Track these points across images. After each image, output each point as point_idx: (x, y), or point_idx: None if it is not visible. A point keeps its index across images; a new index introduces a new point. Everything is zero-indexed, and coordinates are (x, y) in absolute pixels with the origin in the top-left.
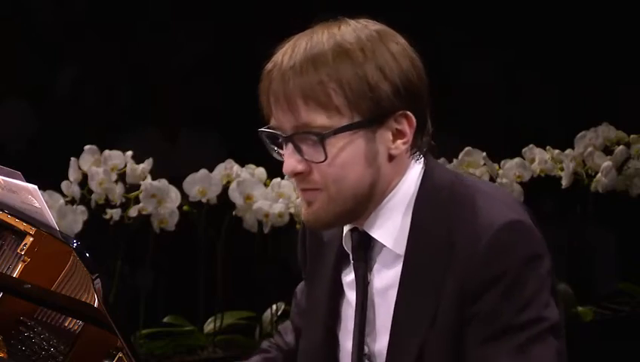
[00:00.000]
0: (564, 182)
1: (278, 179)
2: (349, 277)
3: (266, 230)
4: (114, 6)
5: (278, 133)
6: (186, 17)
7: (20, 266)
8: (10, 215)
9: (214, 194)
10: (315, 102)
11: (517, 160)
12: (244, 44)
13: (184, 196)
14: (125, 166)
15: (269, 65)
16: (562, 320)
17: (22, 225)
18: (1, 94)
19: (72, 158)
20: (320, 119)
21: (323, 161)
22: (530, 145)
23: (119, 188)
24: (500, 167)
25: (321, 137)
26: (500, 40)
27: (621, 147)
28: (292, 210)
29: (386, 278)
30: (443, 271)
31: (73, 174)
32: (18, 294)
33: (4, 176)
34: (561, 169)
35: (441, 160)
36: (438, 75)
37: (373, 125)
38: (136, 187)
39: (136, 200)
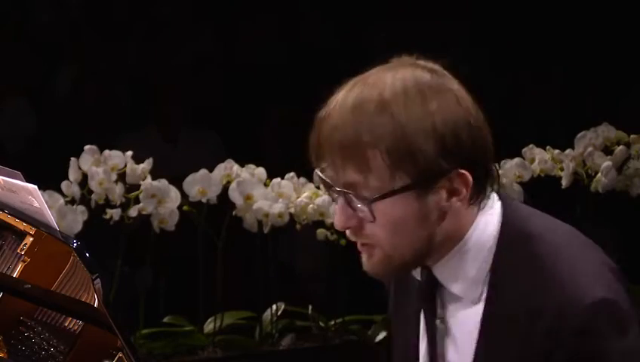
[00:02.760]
0: (564, 182)
1: (278, 179)
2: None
3: (266, 230)
4: (114, 6)
5: (330, 183)
6: (186, 17)
7: (20, 266)
8: (10, 215)
9: (214, 194)
10: (357, 163)
11: (517, 160)
12: (244, 44)
13: (184, 196)
14: (125, 166)
15: (322, 113)
16: None
17: (22, 225)
18: (1, 94)
19: (72, 158)
20: (363, 180)
21: (372, 221)
22: (530, 145)
23: (119, 188)
24: (500, 167)
25: (368, 202)
26: (499, 40)
27: (621, 147)
28: (292, 210)
29: (461, 323)
30: (526, 337)
31: (73, 174)
32: (18, 294)
33: (4, 176)
34: (561, 169)
35: None
36: None
37: (422, 187)
38: (136, 187)
39: (136, 200)
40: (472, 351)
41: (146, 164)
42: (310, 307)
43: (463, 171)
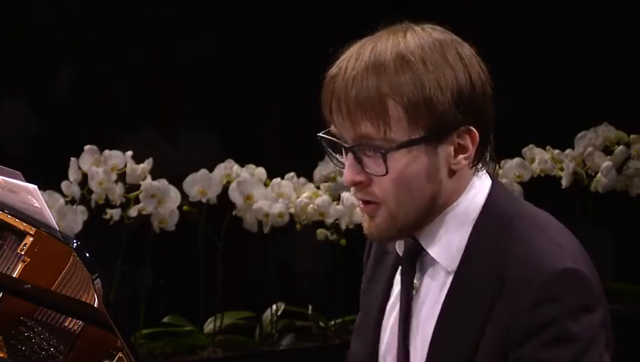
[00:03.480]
0: (564, 182)
1: (278, 179)
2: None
3: (266, 230)
4: (114, 6)
5: (339, 141)
6: (186, 17)
7: (19, 266)
8: (10, 215)
9: (214, 194)
10: (375, 116)
11: (517, 160)
12: (244, 44)
13: (184, 196)
14: (125, 166)
15: (333, 71)
16: None
17: (22, 225)
18: (1, 94)
19: (72, 158)
20: (380, 133)
21: (384, 175)
22: (530, 145)
23: (119, 188)
24: (500, 167)
25: (383, 152)
26: (499, 39)
27: (621, 147)
28: (292, 210)
29: (432, 293)
30: (490, 303)
31: (73, 174)
32: (18, 294)
33: (4, 176)
34: (561, 169)
35: None
36: None
37: (435, 140)
38: (136, 187)
39: (137, 200)
40: (438, 310)
41: (146, 164)
42: (310, 307)
43: (472, 128)
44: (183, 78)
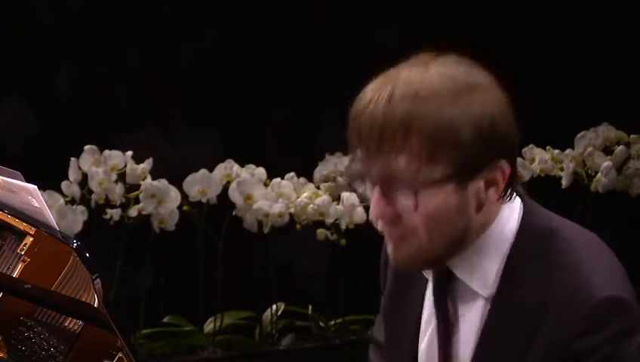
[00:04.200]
0: (564, 182)
1: (278, 179)
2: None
3: (266, 230)
4: (114, 6)
5: (366, 175)
6: (186, 17)
7: (20, 266)
8: (10, 215)
9: (214, 194)
10: (403, 152)
11: (517, 160)
12: (244, 44)
13: (184, 196)
14: (125, 166)
15: (360, 104)
16: None
17: (22, 225)
18: (1, 94)
19: (72, 158)
20: (408, 168)
21: (414, 211)
22: (530, 145)
23: (119, 188)
24: None
25: (413, 189)
26: (499, 39)
27: (621, 147)
28: (292, 210)
29: (469, 319)
30: (532, 331)
31: (73, 174)
32: (18, 294)
33: (4, 176)
34: (561, 169)
35: None
36: None
37: (465, 177)
38: (136, 187)
39: (137, 200)
40: (474, 343)
41: (146, 164)
42: (310, 307)
43: (502, 162)
44: (183, 78)
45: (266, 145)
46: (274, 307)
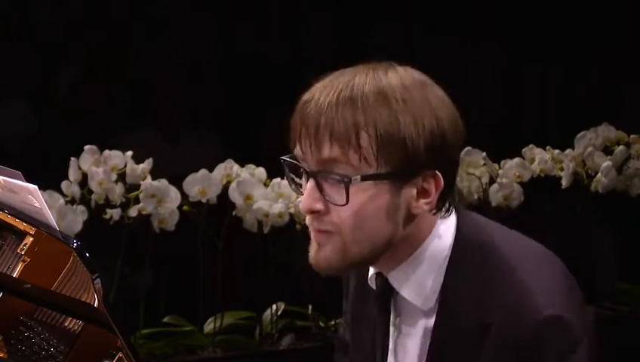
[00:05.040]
0: (564, 182)
1: (278, 179)
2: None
3: (266, 230)
4: (114, 6)
5: (302, 165)
6: (186, 17)
7: (20, 266)
8: (10, 215)
9: (214, 194)
10: (345, 143)
11: (517, 160)
12: (244, 44)
13: (184, 196)
14: (125, 166)
15: (306, 96)
16: None
17: (22, 225)
18: (1, 94)
19: (72, 158)
20: (347, 161)
21: (343, 205)
22: (530, 145)
23: (119, 188)
24: (500, 167)
25: (347, 180)
26: (499, 39)
27: (621, 147)
28: (292, 210)
29: (414, 333)
30: (476, 349)
31: (73, 174)
32: (18, 294)
33: (4, 176)
34: (561, 169)
35: None
36: (438, 74)
37: (401, 179)
38: (136, 187)
39: (136, 200)
40: (421, 358)
41: (146, 164)
42: (310, 307)
43: (438, 173)
44: (183, 78)
45: (266, 146)
46: (274, 307)
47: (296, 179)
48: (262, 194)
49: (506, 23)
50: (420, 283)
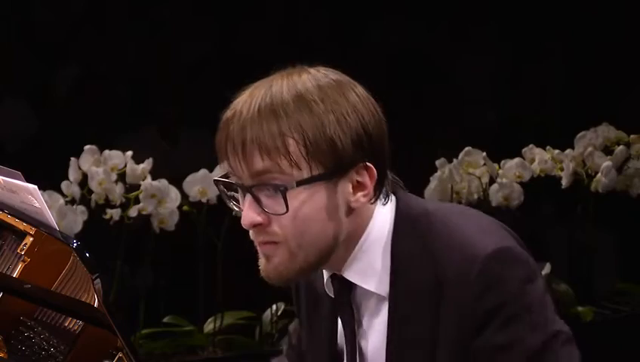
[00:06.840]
0: (564, 182)
1: None
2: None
3: None
4: (113, 6)
5: (236, 181)
6: (186, 17)
7: (20, 266)
8: (10, 215)
9: (214, 194)
10: (274, 153)
11: (517, 160)
12: (244, 44)
13: (184, 196)
14: (125, 166)
15: (228, 114)
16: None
17: (22, 225)
18: (1, 94)
19: (72, 158)
20: (279, 170)
21: (283, 214)
22: (530, 145)
23: (119, 188)
24: (500, 167)
25: (283, 189)
26: (500, 39)
27: (621, 147)
28: None
29: (375, 323)
30: (435, 308)
31: (73, 174)
32: (18, 294)
33: (4, 176)
34: (561, 169)
35: (441, 160)
36: (438, 74)
37: (334, 177)
38: (136, 187)
39: (136, 200)
40: (385, 339)
41: (146, 164)
42: None
43: (370, 164)
44: (182, 77)
45: None
46: (274, 307)
47: (236, 195)
48: None
49: (506, 22)
50: (372, 268)
